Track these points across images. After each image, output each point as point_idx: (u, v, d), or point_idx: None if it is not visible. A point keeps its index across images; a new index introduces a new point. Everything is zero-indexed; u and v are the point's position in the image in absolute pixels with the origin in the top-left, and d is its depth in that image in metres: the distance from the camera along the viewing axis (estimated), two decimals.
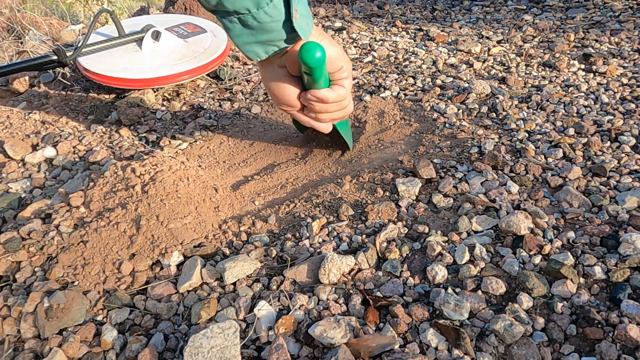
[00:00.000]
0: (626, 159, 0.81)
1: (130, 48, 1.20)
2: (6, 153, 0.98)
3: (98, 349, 0.55)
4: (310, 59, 0.58)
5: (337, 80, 0.67)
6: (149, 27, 1.20)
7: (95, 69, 1.13)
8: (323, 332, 0.52)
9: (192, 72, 1.16)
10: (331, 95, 0.66)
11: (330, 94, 0.66)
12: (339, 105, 0.69)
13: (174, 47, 1.21)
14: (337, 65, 0.64)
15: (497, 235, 0.68)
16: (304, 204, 0.79)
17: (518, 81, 1.17)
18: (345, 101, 0.69)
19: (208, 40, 1.26)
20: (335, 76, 0.66)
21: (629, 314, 0.52)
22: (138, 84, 1.14)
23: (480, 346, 0.51)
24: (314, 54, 0.58)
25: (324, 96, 0.65)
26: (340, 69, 0.65)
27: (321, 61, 0.59)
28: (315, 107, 0.67)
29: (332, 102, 0.67)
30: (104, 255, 0.66)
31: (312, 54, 0.58)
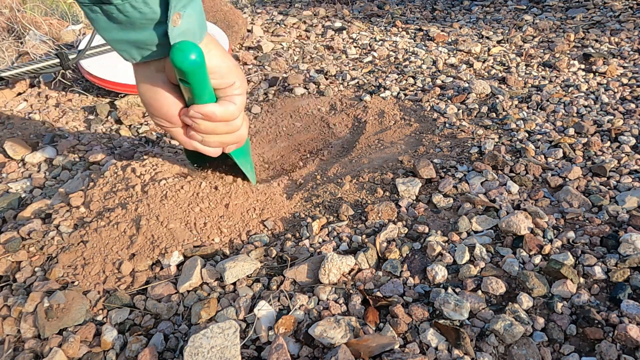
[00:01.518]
0: (626, 159, 0.81)
1: None
2: (6, 153, 0.98)
3: (98, 349, 0.55)
4: (183, 61, 0.48)
5: (228, 97, 0.57)
6: None
7: (98, 73, 1.13)
8: (323, 332, 0.52)
9: None
10: (218, 111, 0.56)
11: (217, 110, 0.56)
12: (229, 125, 0.59)
13: None
14: (228, 81, 0.56)
15: (497, 235, 0.68)
16: (304, 204, 0.79)
17: (518, 81, 1.17)
18: (236, 121, 0.60)
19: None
20: (226, 92, 0.57)
21: (629, 314, 0.52)
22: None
23: (480, 346, 0.51)
24: (187, 55, 0.48)
25: (209, 112, 0.56)
26: (231, 85, 0.56)
27: (197, 65, 0.49)
28: (201, 126, 0.57)
29: (220, 121, 0.58)
30: (104, 255, 0.65)
31: (186, 54, 0.48)
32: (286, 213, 0.77)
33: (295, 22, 1.75)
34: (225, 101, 0.57)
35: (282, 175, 0.90)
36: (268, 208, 0.77)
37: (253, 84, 1.30)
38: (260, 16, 1.84)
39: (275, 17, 1.82)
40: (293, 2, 2.07)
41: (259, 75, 1.33)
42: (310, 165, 0.94)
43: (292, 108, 1.15)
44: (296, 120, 1.12)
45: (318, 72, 1.33)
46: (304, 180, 0.88)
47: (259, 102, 1.19)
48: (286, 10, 1.92)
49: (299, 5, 1.99)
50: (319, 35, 1.65)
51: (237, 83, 0.57)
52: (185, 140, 0.61)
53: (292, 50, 1.51)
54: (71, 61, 1.08)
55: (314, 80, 1.27)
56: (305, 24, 1.74)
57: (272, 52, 1.49)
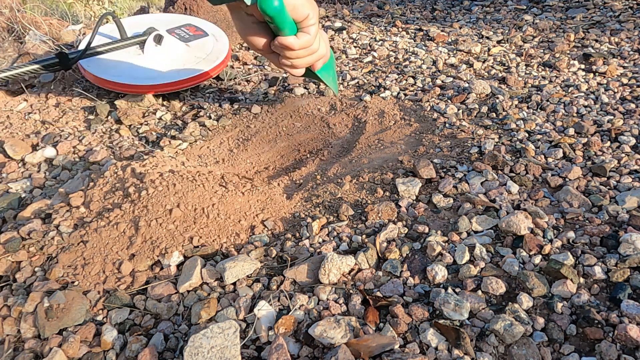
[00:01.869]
0: (626, 159, 0.81)
1: (132, 51, 1.20)
2: (6, 153, 0.98)
3: (98, 349, 0.55)
4: (268, 7, 0.59)
5: (304, 28, 0.68)
6: (151, 30, 1.20)
7: (98, 73, 1.13)
8: (323, 332, 0.52)
9: (194, 80, 1.16)
10: (297, 43, 0.68)
11: (295, 42, 0.67)
12: (308, 50, 0.71)
13: (176, 52, 1.21)
14: (303, 14, 0.66)
15: (497, 235, 0.68)
16: (304, 204, 0.79)
17: (518, 81, 1.17)
18: (314, 46, 0.71)
19: (210, 45, 1.26)
20: (302, 24, 0.67)
21: (629, 314, 0.52)
22: (140, 90, 1.14)
23: (480, 346, 0.51)
24: (271, 3, 0.59)
25: (290, 43, 0.67)
26: (306, 17, 0.66)
27: (279, 10, 0.60)
28: (285, 54, 0.70)
29: (299, 49, 0.69)
30: (104, 255, 0.65)
31: (270, 2, 0.59)
32: (286, 213, 0.77)
33: None
34: (302, 32, 0.68)
35: (282, 175, 0.90)
36: (268, 208, 0.77)
37: (253, 84, 1.30)
38: None
39: None
40: None
41: (259, 75, 1.33)
42: (310, 165, 0.94)
43: (292, 108, 1.15)
44: (296, 120, 1.12)
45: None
46: (304, 180, 0.88)
47: (259, 102, 1.19)
48: None
49: None
50: None
51: (311, 14, 0.67)
52: (278, 64, 0.72)
53: None
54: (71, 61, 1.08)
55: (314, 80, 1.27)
56: None
57: None
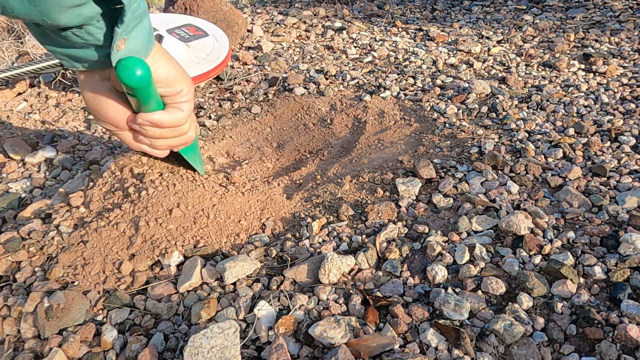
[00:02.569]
0: (626, 159, 0.81)
1: None
2: (6, 153, 0.98)
3: (98, 349, 0.55)
4: (130, 77, 0.48)
5: (176, 104, 0.58)
6: None
7: None
8: (323, 332, 0.52)
9: (194, 80, 1.16)
10: (166, 119, 0.58)
11: (164, 117, 0.57)
12: (176, 130, 0.61)
13: (176, 52, 1.21)
14: (176, 88, 0.57)
15: (497, 235, 0.68)
16: (304, 204, 0.79)
17: (518, 81, 1.17)
18: (184, 126, 0.61)
19: (210, 45, 1.26)
20: (174, 99, 0.58)
21: (629, 314, 0.52)
22: None
23: (480, 346, 0.51)
24: (133, 72, 0.48)
25: (158, 120, 0.57)
26: (178, 93, 0.57)
27: (143, 81, 0.49)
28: (149, 133, 0.59)
29: (168, 127, 0.59)
30: (104, 255, 0.65)
31: (132, 71, 0.48)
32: (286, 213, 0.77)
33: (295, 22, 1.75)
34: (173, 108, 0.58)
35: (282, 175, 0.90)
36: (268, 208, 0.77)
37: (253, 84, 1.30)
38: (260, 16, 1.84)
39: (275, 17, 1.82)
40: (293, 2, 2.07)
41: (259, 75, 1.33)
42: (310, 165, 0.94)
43: (292, 108, 1.15)
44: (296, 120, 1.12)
45: (318, 72, 1.33)
46: (304, 180, 0.88)
47: (259, 102, 1.19)
48: (286, 10, 1.92)
49: (299, 5, 1.99)
50: (319, 35, 1.65)
51: (185, 90, 0.58)
52: (133, 144, 0.61)
53: (292, 50, 1.51)
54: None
55: (314, 80, 1.27)
56: (305, 24, 1.74)
57: (272, 52, 1.49)
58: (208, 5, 1.51)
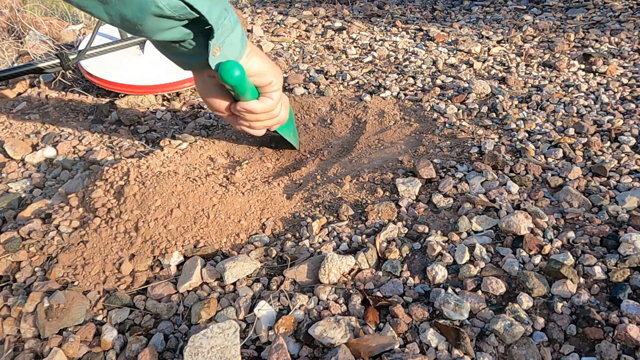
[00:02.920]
0: (626, 159, 0.81)
1: (132, 51, 1.20)
2: (6, 153, 0.98)
3: (98, 349, 0.55)
4: (229, 78, 0.59)
5: (267, 93, 0.69)
6: None
7: (98, 73, 1.13)
8: (323, 332, 0.52)
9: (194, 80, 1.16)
10: (259, 107, 0.68)
11: (258, 106, 0.68)
12: (268, 114, 0.72)
13: None
14: (266, 80, 0.67)
15: (497, 235, 0.68)
16: (304, 204, 0.79)
17: (518, 81, 1.17)
18: (275, 110, 0.72)
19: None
20: (265, 89, 0.68)
21: (629, 314, 0.52)
22: (140, 90, 1.14)
23: (480, 346, 0.51)
24: (232, 74, 0.59)
25: (252, 108, 0.67)
26: (269, 84, 0.67)
27: (240, 79, 0.60)
28: (246, 117, 0.70)
29: (261, 113, 0.69)
30: (103, 255, 0.65)
31: (231, 73, 0.59)
32: (286, 213, 0.77)
33: (295, 22, 1.75)
34: (264, 97, 0.69)
35: (282, 175, 0.90)
36: (268, 208, 0.77)
37: None
38: (260, 16, 1.84)
39: (275, 17, 1.82)
40: (293, 2, 2.07)
41: None
42: (310, 165, 0.94)
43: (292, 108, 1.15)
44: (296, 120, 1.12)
45: (318, 72, 1.33)
46: (304, 180, 0.88)
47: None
48: (286, 10, 1.92)
49: (299, 5, 1.99)
50: (319, 35, 1.65)
51: (274, 81, 0.68)
52: (236, 126, 0.73)
53: (292, 50, 1.51)
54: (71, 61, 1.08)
55: (314, 80, 1.27)
56: (305, 24, 1.74)
57: (272, 52, 1.49)
58: None
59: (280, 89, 0.71)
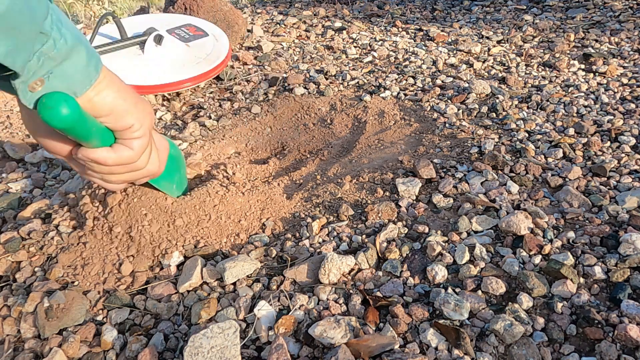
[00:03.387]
0: (626, 159, 0.81)
1: (132, 51, 1.20)
2: (6, 153, 0.98)
3: (98, 349, 0.55)
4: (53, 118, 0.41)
5: (125, 140, 0.50)
6: (151, 31, 1.20)
7: None
8: (323, 332, 0.52)
9: (194, 80, 1.16)
10: (111, 158, 0.50)
11: (108, 157, 0.50)
12: (127, 167, 0.53)
13: (176, 52, 1.21)
14: (124, 123, 0.48)
15: (497, 235, 0.68)
16: (304, 204, 0.79)
17: (518, 81, 1.17)
18: (138, 163, 0.53)
19: (210, 45, 1.26)
20: (123, 135, 0.50)
21: (629, 314, 0.52)
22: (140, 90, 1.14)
23: (480, 346, 0.51)
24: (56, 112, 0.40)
25: (100, 158, 0.49)
26: (128, 128, 0.49)
27: (71, 120, 0.42)
28: (94, 168, 0.51)
29: (115, 165, 0.51)
30: (103, 255, 0.65)
31: (54, 111, 0.40)
32: (286, 213, 0.77)
33: (295, 22, 1.75)
34: (120, 145, 0.51)
35: (282, 175, 0.90)
36: (268, 208, 0.77)
37: (253, 84, 1.30)
38: (260, 16, 1.84)
39: (275, 17, 1.82)
40: (293, 2, 2.07)
41: (259, 75, 1.33)
42: (310, 165, 0.94)
43: (292, 108, 1.15)
44: (296, 120, 1.12)
45: (318, 72, 1.33)
46: (304, 180, 0.88)
47: (259, 102, 1.19)
48: (286, 10, 1.92)
49: (299, 5, 1.99)
50: (319, 35, 1.65)
51: (136, 125, 0.50)
52: (84, 175, 0.54)
53: (292, 50, 1.51)
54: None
55: (314, 80, 1.27)
56: (305, 24, 1.74)
57: (272, 52, 1.49)
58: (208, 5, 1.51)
59: (147, 134, 0.52)
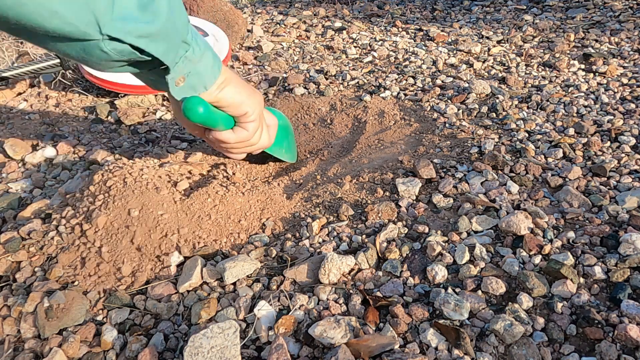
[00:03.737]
0: (626, 159, 0.81)
1: None
2: (6, 153, 0.98)
3: (98, 349, 0.55)
4: (193, 116, 0.54)
5: (242, 124, 0.65)
6: None
7: (98, 73, 1.13)
8: (323, 332, 0.52)
9: None
10: (232, 138, 0.65)
11: (230, 137, 0.65)
12: (245, 144, 0.68)
13: None
14: (242, 111, 0.63)
15: (497, 235, 0.68)
16: (304, 204, 0.79)
17: (518, 81, 1.17)
18: (253, 139, 0.68)
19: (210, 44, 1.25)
20: (240, 120, 0.64)
21: (629, 314, 0.52)
22: (140, 90, 1.14)
23: (480, 346, 0.51)
24: (195, 112, 0.54)
25: (225, 138, 0.64)
26: (244, 114, 0.64)
27: (205, 116, 0.56)
28: (221, 145, 0.67)
29: (235, 143, 0.66)
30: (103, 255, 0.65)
31: (193, 111, 0.54)
32: (286, 213, 0.77)
33: (295, 22, 1.75)
34: (239, 128, 0.65)
35: (282, 175, 0.90)
36: (268, 208, 0.77)
37: (253, 84, 1.30)
38: (260, 16, 1.84)
39: (275, 17, 1.82)
40: (293, 2, 2.07)
41: (259, 75, 1.33)
42: (310, 165, 0.94)
43: (292, 108, 1.15)
44: (296, 120, 1.12)
45: (318, 72, 1.33)
46: (304, 180, 0.88)
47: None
48: (286, 10, 1.92)
49: (299, 5, 1.99)
50: (319, 35, 1.65)
51: (250, 112, 0.64)
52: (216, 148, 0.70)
53: (292, 50, 1.51)
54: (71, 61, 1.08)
55: (314, 80, 1.27)
56: (305, 24, 1.74)
57: (272, 52, 1.49)
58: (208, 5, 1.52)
59: (258, 118, 0.67)
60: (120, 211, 0.69)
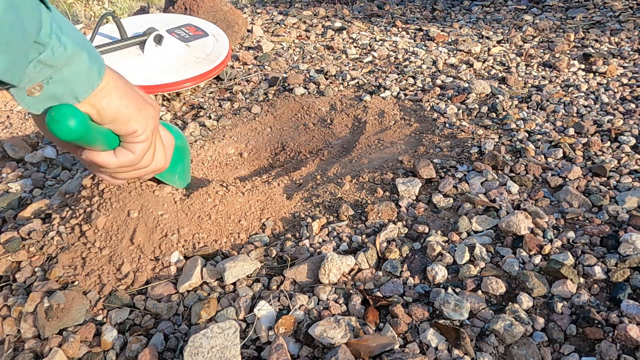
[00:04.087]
0: (626, 159, 0.81)
1: (132, 51, 1.20)
2: (6, 153, 0.98)
3: (98, 349, 0.55)
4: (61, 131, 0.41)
5: (127, 144, 0.51)
6: (151, 31, 1.20)
7: None
8: (323, 332, 0.52)
9: (194, 80, 1.16)
10: (113, 162, 0.51)
11: (111, 160, 0.51)
12: (131, 168, 0.54)
13: (176, 52, 1.20)
14: (128, 128, 0.49)
15: (497, 235, 0.68)
16: (304, 204, 0.79)
17: (518, 81, 1.17)
18: (142, 162, 0.54)
19: (210, 44, 1.26)
20: (126, 139, 0.51)
21: (629, 314, 0.52)
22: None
23: (480, 346, 0.51)
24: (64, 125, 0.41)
25: (103, 161, 0.50)
26: (132, 133, 0.50)
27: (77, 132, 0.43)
28: (99, 169, 0.53)
29: (116, 167, 0.52)
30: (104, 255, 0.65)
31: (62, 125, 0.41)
32: (286, 213, 0.77)
33: (295, 22, 1.75)
34: (122, 150, 0.51)
35: (282, 175, 0.90)
36: (268, 208, 0.77)
37: (253, 84, 1.30)
38: (260, 16, 1.84)
39: (275, 17, 1.82)
40: (293, 2, 2.07)
41: (259, 75, 1.33)
42: (310, 165, 0.94)
43: (292, 108, 1.15)
44: (296, 120, 1.12)
45: (318, 72, 1.33)
46: (304, 180, 0.88)
47: (259, 102, 1.19)
48: (286, 10, 1.92)
49: (299, 5, 1.99)
50: (319, 35, 1.65)
51: (139, 131, 0.50)
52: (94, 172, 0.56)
53: (292, 50, 1.51)
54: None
55: (314, 80, 1.27)
56: (305, 24, 1.74)
57: (272, 52, 1.49)
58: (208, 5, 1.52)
59: (150, 138, 0.53)
60: (119, 212, 0.69)
